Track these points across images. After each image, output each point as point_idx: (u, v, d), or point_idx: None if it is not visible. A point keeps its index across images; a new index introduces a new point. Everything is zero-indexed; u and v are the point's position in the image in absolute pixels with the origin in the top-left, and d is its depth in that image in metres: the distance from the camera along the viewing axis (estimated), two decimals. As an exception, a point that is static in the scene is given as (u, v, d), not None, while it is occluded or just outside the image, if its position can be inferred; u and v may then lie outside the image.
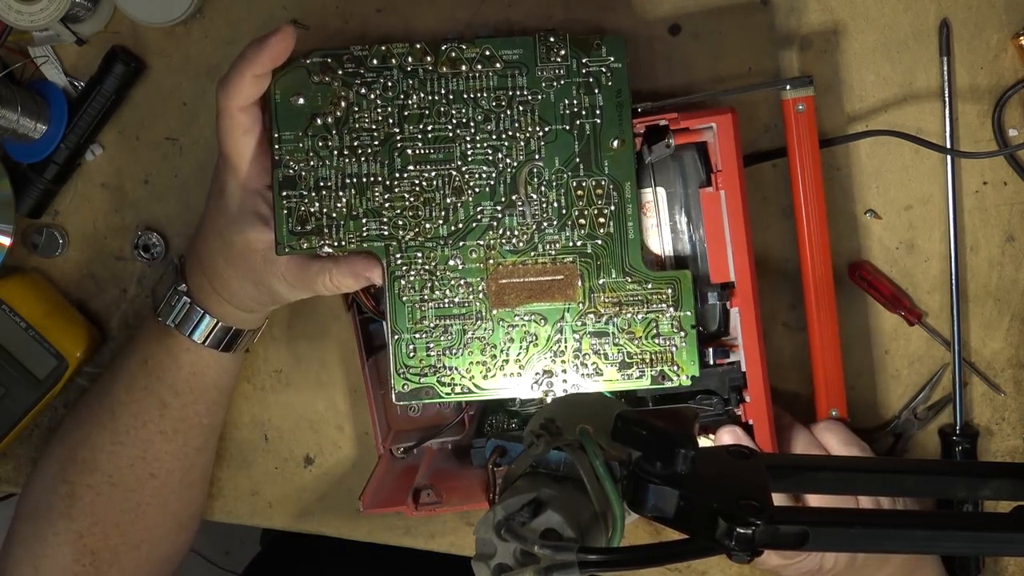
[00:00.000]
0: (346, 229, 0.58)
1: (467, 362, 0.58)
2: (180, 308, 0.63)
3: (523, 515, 0.38)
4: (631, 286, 0.57)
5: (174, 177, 0.69)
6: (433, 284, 0.58)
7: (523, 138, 0.58)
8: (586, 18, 0.65)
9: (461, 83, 0.58)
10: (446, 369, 0.58)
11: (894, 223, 0.66)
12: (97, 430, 0.65)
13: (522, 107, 0.58)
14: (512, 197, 0.58)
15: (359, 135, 0.58)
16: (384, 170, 0.58)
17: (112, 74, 0.66)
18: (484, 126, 0.58)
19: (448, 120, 0.58)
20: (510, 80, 0.58)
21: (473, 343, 0.58)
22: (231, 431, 0.73)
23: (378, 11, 0.66)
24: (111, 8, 0.66)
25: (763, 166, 0.65)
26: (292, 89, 0.58)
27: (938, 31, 0.63)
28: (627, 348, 0.57)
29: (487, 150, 0.58)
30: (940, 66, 0.63)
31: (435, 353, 0.58)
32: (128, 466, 0.64)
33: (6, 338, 0.67)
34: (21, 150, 0.67)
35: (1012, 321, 0.67)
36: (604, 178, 0.58)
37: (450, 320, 0.58)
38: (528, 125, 0.58)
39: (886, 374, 0.69)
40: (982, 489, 0.41)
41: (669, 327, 0.57)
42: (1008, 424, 0.69)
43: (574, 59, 0.57)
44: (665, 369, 0.56)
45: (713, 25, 0.64)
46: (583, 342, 0.57)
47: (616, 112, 0.57)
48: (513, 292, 0.57)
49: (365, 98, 0.58)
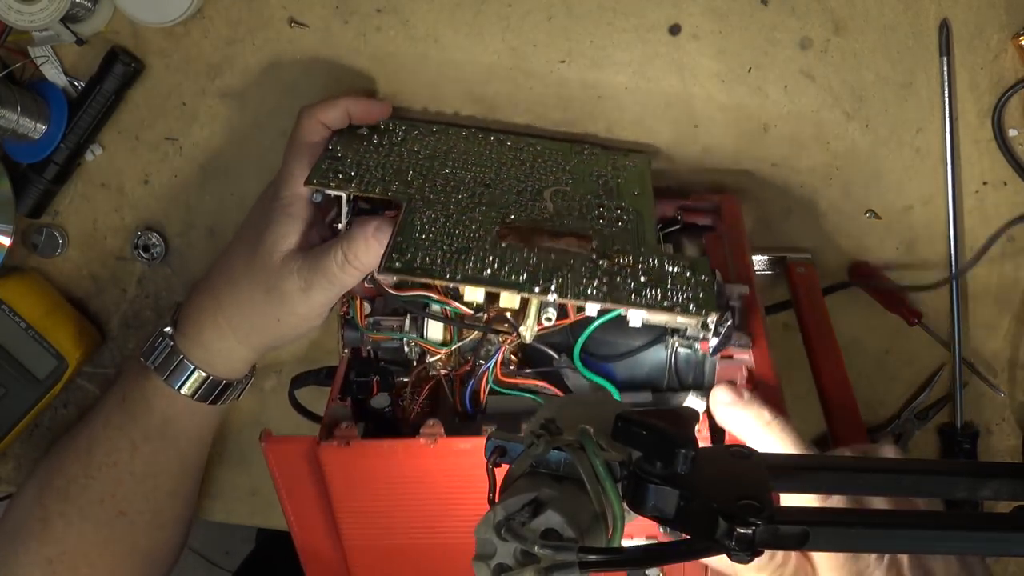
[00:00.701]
0: (371, 180, 0.58)
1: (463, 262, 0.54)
2: (162, 350, 0.62)
3: (523, 515, 0.38)
4: (646, 258, 0.55)
5: (174, 177, 0.69)
6: (447, 223, 0.56)
7: (552, 178, 0.62)
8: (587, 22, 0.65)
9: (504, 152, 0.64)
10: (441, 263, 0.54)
11: (894, 223, 0.66)
12: (72, 459, 0.64)
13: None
14: (537, 197, 0.59)
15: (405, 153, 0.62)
16: (423, 159, 0.61)
17: (112, 74, 0.66)
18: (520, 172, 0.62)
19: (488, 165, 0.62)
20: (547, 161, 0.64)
21: (475, 256, 0.54)
22: (231, 431, 0.73)
23: (378, 11, 0.66)
24: (111, 8, 0.66)
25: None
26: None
27: (938, 31, 0.63)
28: (641, 280, 0.54)
29: (520, 173, 0.62)
30: (940, 66, 0.63)
31: (435, 251, 0.54)
32: (98, 501, 0.64)
33: (6, 338, 0.67)
34: (21, 150, 0.67)
35: (1012, 321, 0.67)
36: (624, 203, 0.60)
37: (456, 237, 0.55)
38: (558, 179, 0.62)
39: (886, 374, 0.69)
40: (982, 489, 0.41)
41: (685, 275, 0.54)
42: (1008, 424, 0.69)
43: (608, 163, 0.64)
44: (682, 301, 0.52)
45: (713, 25, 0.64)
46: (594, 273, 0.53)
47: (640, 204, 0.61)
48: (524, 233, 0.55)
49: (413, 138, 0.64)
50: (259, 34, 0.67)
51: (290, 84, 0.67)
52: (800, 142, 0.65)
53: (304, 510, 0.55)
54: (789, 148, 0.66)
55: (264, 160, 0.68)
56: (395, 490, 0.53)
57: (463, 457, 0.51)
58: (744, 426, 0.50)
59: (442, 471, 0.52)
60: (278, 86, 0.67)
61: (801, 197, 0.66)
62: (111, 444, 0.64)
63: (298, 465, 0.53)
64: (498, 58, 0.65)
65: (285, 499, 0.55)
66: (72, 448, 0.65)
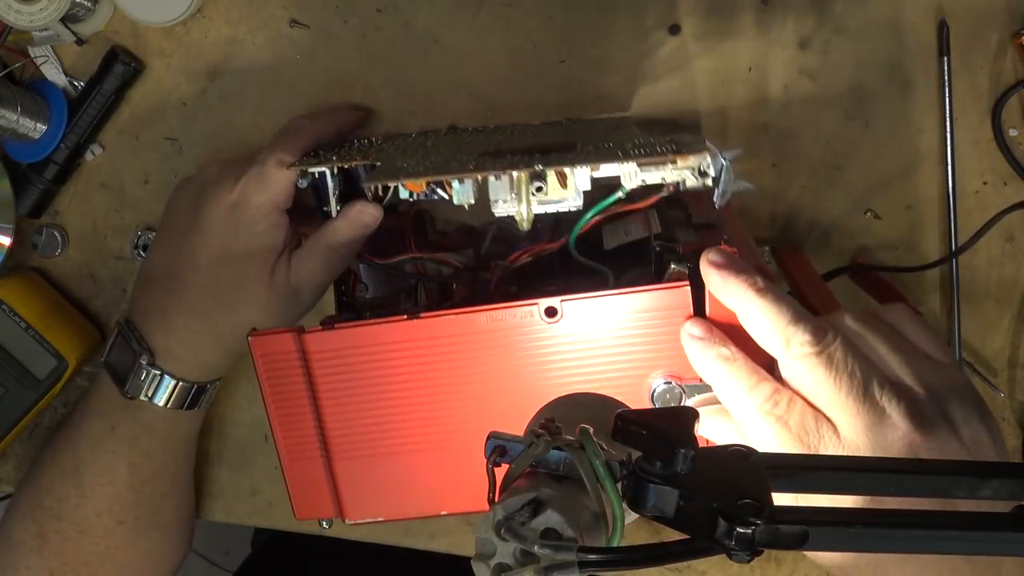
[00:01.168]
0: (352, 158, 0.56)
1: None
2: (150, 381, 0.61)
3: (523, 515, 0.38)
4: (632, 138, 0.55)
5: (174, 177, 0.69)
6: (427, 155, 0.56)
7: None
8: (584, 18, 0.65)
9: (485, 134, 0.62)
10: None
11: (894, 223, 0.66)
12: (61, 481, 0.64)
13: None
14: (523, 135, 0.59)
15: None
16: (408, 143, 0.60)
17: (112, 74, 0.66)
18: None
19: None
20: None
21: (458, 163, 0.53)
22: (231, 431, 0.73)
23: (378, 11, 0.66)
24: (111, 8, 0.66)
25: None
26: None
27: (937, 31, 0.63)
28: (627, 147, 0.52)
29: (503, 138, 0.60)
30: (939, 66, 0.63)
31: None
32: (94, 515, 0.64)
33: (6, 338, 0.67)
34: (21, 150, 0.67)
35: (1012, 321, 0.67)
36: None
37: (439, 156, 0.55)
38: None
39: (886, 374, 0.69)
40: (982, 489, 0.40)
41: (671, 142, 0.53)
42: (1008, 424, 0.69)
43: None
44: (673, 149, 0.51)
45: (713, 25, 0.64)
46: (581, 151, 0.53)
47: None
48: (506, 149, 0.55)
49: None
50: (259, 34, 0.67)
51: (290, 84, 0.67)
52: (800, 142, 0.65)
53: (287, 410, 0.53)
54: (789, 148, 0.66)
55: (264, 160, 0.68)
56: (380, 376, 0.52)
57: (445, 335, 0.50)
58: (736, 292, 0.46)
59: (426, 351, 0.51)
60: (278, 86, 0.67)
61: (801, 197, 0.66)
62: (104, 465, 0.63)
63: (284, 361, 0.52)
64: (498, 58, 0.65)
65: (268, 396, 0.53)
66: (58, 470, 0.64)
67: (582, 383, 0.50)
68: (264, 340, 0.52)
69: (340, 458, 0.53)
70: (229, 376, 0.68)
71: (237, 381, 0.71)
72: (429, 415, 0.52)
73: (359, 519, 0.54)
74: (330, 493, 0.54)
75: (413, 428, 0.52)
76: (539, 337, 0.49)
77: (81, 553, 0.64)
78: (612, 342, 0.49)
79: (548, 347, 0.50)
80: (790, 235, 0.67)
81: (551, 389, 0.50)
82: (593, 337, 0.49)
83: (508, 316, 0.49)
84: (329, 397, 0.52)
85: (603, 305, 0.49)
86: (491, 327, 0.49)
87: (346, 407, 0.52)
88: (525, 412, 0.49)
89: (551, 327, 0.49)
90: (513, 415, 0.50)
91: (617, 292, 0.48)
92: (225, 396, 0.72)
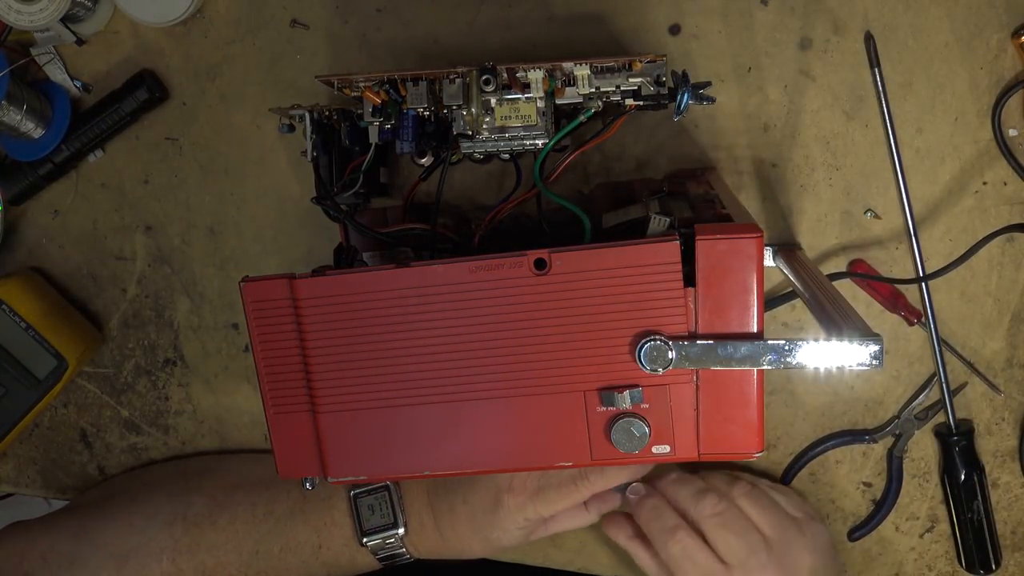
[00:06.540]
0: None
1: None
2: (392, 545, 0.66)
3: None
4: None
5: (174, 177, 0.69)
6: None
7: None
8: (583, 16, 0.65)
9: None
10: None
11: (894, 223, 0.66)
12: (232, 542, 0.67)
13: None
14: None
15: None
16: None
17: (133, 97, 0.66)
18: None
19: None
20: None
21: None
22: (231, 431, 0.73)
23: (378, 11, 0.66)
24: (111, 8, 0.66)
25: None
26: None
27: (864, 43, 0.63)
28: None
29: None
30: (873, 77, 0.64)
31: None
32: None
33: (6, 338, 0.67)
34: (19, 148, 0.67)
35: (1012, 321, 0.67)
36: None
37: None
38: None
39: (886, 374, 0.69)
40: None
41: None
42: (1007, 424, 0.69)
43: None
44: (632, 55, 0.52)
45: (713, 25, 0.64)
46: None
47: None
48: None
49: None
50: (259, 34, 0.67)
51: (290, 84, 0.67)
52: (800, 142, 0.65)
53: (275, 360, 0.52)
54: (789, 148, 0.66)
55: (264, 160, 0.68)
56: (368, 326, 0.51)
57: (434, 284, 0.50)
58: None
59: (414, 301, 0.51)
60: (278, 86, 0.67)
61: (801, 197, 0.66)
62: (281, 562, 0.67)
63: (274, 308, 0.52)
64: (498, 58, 0.65)
65: (257, 345, 0.52)
66: (231, 533, 0.67)
67: (569, 338, 0.50)
68: (256, 286, 0.51)
69: (325, 411, 0.52)
70: (229, 376, 0.68)
71: (237, 381, 0.72)
72: (415, 368, 0.51)
73: (342, 477, 0.53)
74: (314, 449, 0.53)
75: (399, 381, 0.52)
76: (528, 291, 0.49)
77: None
78: (600, 299, 0.49)
79: (536, 301, 0.49)
80: (790, 235, 0.67)
81: (538, 343, 0.50)
82: (581, 291, 0.49)
83: (497, 267, 0.49)
84: (317, 346, 0.51)
85: (592, 258, 0.48)
86: (479, 276, 0.49)
87: (333, 357, 0.52)
88: (512, 367, 0.50)
89: (540, 281, 0.49)
90: (500, 370, 0.50)
91: (607, 245, 0.48)
92: (225, 396, 0.72)
